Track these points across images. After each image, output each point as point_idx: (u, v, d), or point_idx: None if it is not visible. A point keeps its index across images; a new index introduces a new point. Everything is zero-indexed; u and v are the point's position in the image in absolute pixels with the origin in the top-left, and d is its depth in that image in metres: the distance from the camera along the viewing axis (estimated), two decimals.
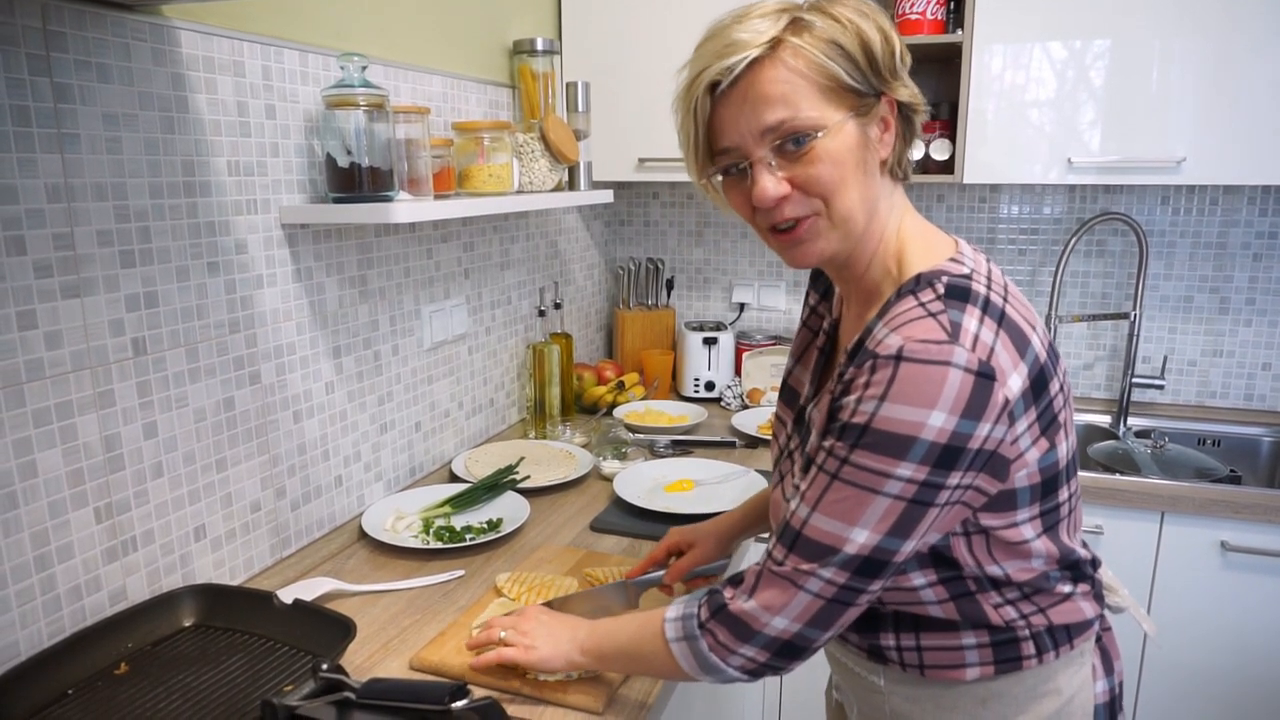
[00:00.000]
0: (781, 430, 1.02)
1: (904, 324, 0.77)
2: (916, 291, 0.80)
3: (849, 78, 0.79)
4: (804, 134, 0.79)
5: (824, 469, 0.79)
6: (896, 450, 0.74)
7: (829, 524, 0.78)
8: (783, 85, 0.79)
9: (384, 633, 1.17)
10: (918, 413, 0.73)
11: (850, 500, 0.77)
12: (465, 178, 1.59)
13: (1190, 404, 2.24)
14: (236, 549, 1.26)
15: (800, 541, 0.80)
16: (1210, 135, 1.81)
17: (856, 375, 0.78)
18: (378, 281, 1.54)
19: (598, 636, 0.98)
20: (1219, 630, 1.77)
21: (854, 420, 0.76)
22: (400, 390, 1.62)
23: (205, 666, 1.00)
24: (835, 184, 0.81)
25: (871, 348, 0.78)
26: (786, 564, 0.81)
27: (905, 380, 0.73)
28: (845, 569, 0.78)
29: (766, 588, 0.82)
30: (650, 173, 2.14)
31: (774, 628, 0.81)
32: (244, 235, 1.24)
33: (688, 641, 0.86)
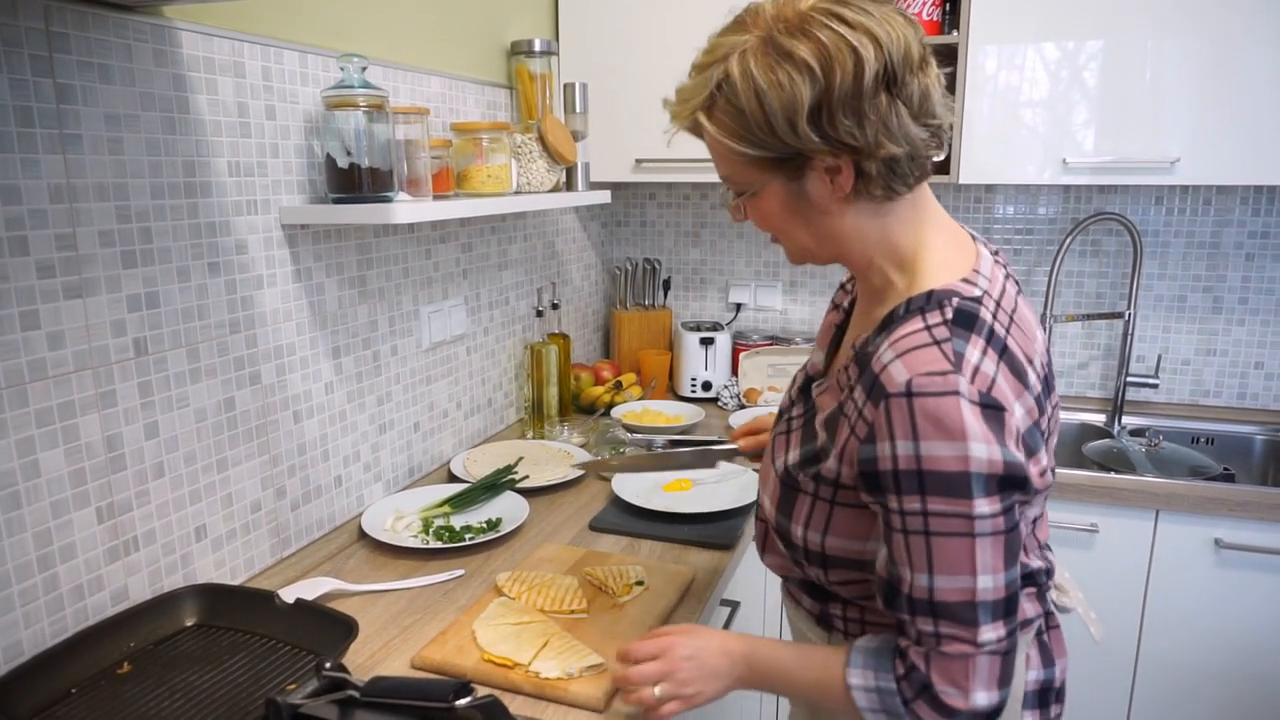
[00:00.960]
0: (788, 390, 1.05)
1: (908, 351, 0.78)
2: (926, 311, 0.81)
3: (756, 149, 0.81)
4: (738, 191, 0.88)
5: (911, 531, 0.78)
6: (960, 489, 0.75)
7: (953, 583, 0.78)
8: (714, 151, 0.87)
9: (385, 632, 1.17)
10: (957, 446, 0.74)
11: (955, 554, 0.77)
12: (464, 178, 1.60)
13: (1184, 403, 2.26)
14: (237, 549, 1.27)
15: (940, 609, 0.79)
16: (1204, 135, 1.82)
17: (870, 413, 0.79)
18: (377, 282, 1.54)
19: (762, 672, 0.93)
20: (1213, 627, 1.78)
21: (901, 468, 0.77)
22: (399, 390, 1.62)
23: (208, 666, 1.00)
24: (776, 230, 0.89)
25: (876, 371, 0.80)
26: (946, 637, 0.79)
27: (926, 416, 0.75)
28: (997, 618, 0.78)
29: (943, 666, 0.80)
30: (647, 173, 2.15)
31: (972, 705, 0.80)
32: (244, 236, 1.24)
33: (888, 715, 0.84)
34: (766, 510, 0.97)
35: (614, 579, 1.26)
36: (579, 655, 1.05)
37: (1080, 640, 1.87)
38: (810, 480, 0.89)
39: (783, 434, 0.98)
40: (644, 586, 1.25)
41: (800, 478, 0.91)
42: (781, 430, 0.99)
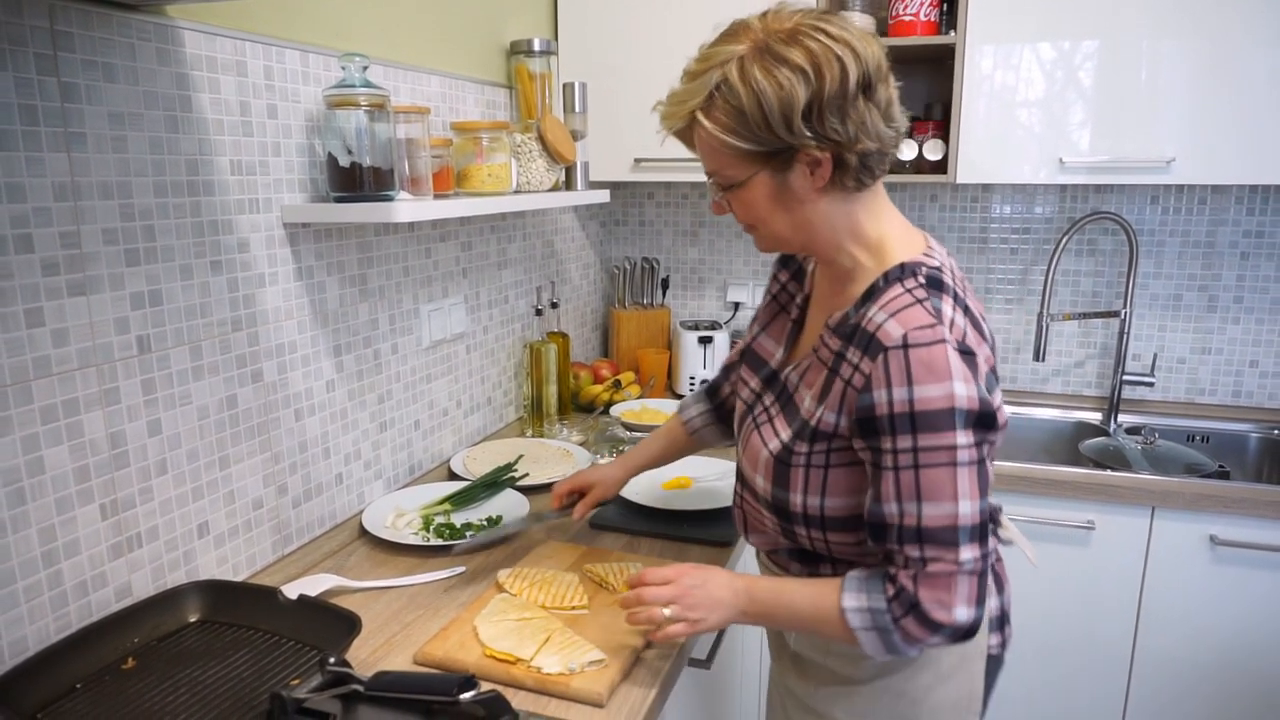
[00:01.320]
0: (745, 386, 1.15)
1: (899, 310, 0.90)
2: (903, 279, 0.94)
3: (750, 144, 0.91)
4: (725, 184, 0.96)
5: (900, 467, 0.89)
6: (945, 423, 0.86)
7: (937, 510, 0.88)
8: (705, 147, 0.95)
9: (387, 628, 1.18)
10: (940, 388, 0.86)
11: (939, 482, 0.88)
12: (464, 177, 1.60)
13: (1180, 401, 2.27)
14: (239, 546, 1.27)
15: (926, 536, 0.89)
16: (1199, 135, 1.83)
17: (868, 368, 0.90)
18: (377, 280, 1.55)
19: (762, 601, 1.01)
20: (1209, 623, 1.80)
21: (896, 411, 0.88)
22: (399, 389, 1.63)
23: (211, 661, 1.01)
24: (757, 219, 0.98)
25: (871, 331, 0.91)
26: (931, 559, 0.89)
27: (918, 366, 0.87)
28: (974, 540, 0.89)
29: (929, 586, 0.89)
30: (646, 173, 2.15)
31: (958, 620, 0.89)
32: (246, 234, 1.25)
33: (879, 633, 0.92)
34: (760, 489, 1.05)
35: (614, 575, 1.26)
36: (581, 651, 1.06)
37: (1075, 638, 1.89)
38: (805, 451, 0.98)
39: (765, 423, 1.07)
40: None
41: (795, 451, 0.99)
42: (761, 420, 1.08)
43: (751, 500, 1.09)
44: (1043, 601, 1.89)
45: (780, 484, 1.01)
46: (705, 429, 1.38)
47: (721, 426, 1.38)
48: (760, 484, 1.04)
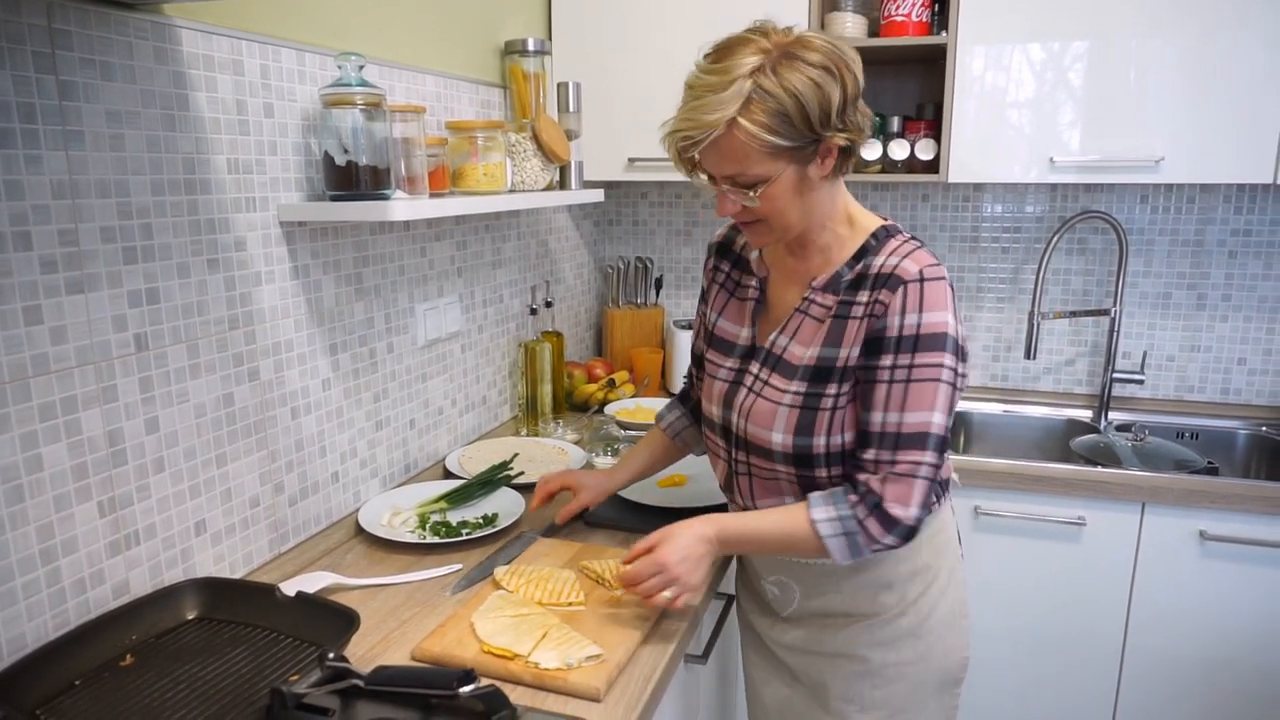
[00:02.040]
0: (719, 368, 1.24)
1: (909, 253, 1.07)
2: (892, 236, 1.11)
3: (787, 140, 1.00)
4: (749, 185, 1.04)
5: (895, 380, 1.05)
6: (938, 345, 1.03)
7: (916, 417, 1.04)
8: (735, 152, 1.01)
9: (385, 625, 1.18)
10: (941, 315, 1.03)
11: (923, 393, 1.04)
12: (459, 176, 1.61)
13: (1169, 398, 2.29)
14: (236, 543, 1.27)
15: (902, 440, 1.04)
16: (1188, 135, 1.85)
17: (888, 299, 1.05)
18: (373, 279, 1.55)
19: (734, 536, 1.14)
20: (1198, 617, 1.81)
21: (905, 334, 1.04)
22: (395, 387, 1.63)
23: (210, 658, 1.01)
24: (772, 213, 1.07)
25: (889, 271, 1.05)
26: (901, 461, 1.04)
27: (930, 295, 1.03)
28: (934, 449, 1.05)
29: (895, 486, 1.04)
30: (640, 172, 2.16)
31: (910, 517, 1.04)
32: (243, 233, 1.25)
33: (845, 537, 1.06)
34: (778, 445, 1.13)
35: (611, 572, 1.27)
36: (578, 646, 1.07)
37: (1067, 633, 1.90)
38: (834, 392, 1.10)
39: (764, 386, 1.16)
40: None
41: (823, 394, 1.10)
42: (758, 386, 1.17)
43: (763, 463, 1.17)
44: (1034, 597, 1.90)
45: (804, 431, 1.11)
46: (686, 431, 1.43)
47: (698, 429, 1.42)
48: (779, 440, 1.13)
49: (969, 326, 2.41)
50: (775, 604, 1.29)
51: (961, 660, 1.24)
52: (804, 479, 1.14)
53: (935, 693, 1.22)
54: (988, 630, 1.94)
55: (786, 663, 1.28)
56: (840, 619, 1.22)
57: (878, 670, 1.20)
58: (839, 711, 1.22)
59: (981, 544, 1.91)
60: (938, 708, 1.23)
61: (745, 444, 1.19)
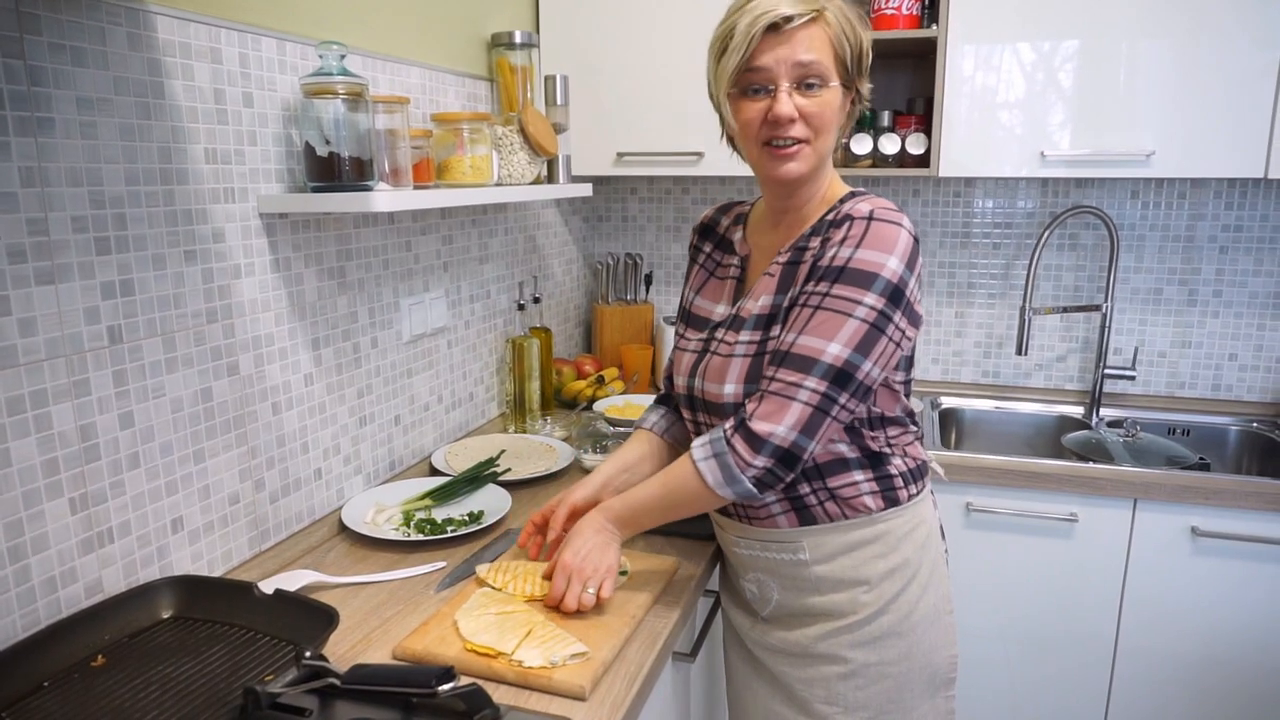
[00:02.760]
0: (690, 341, 1.24)
1: (866, 198, 1.08)
2: (859, 196, 1.11)
3: (848, 61, 1.08)
4: (821, 79, 1.06)
5: (807, 305, 1.04)
6: (865, 283, 1.02)
7: (810, 341, 1.02)
8: (817, 41, 1.05)
9: (366, 623, 1.16)
10: (881, 256, 1.02)
11: (828, 322, 1.02)
12: (444, 169, 1.59)
13: (1160, 394, 2.28)
14: (215, 541, 1.25)
15: (787, 359, 1.03)
16: (1178, 129, 1.84)
17: (833, 234, 1.05)
18: (356, 273, 1.53)
19: (629, 516, 1.15)
20: (1191, 613, 1.80)
21: (834, 264, 1.03)
22: (379, 383, 1.61)
23: (184, 658, 0.99)
24: (826, 124, 1.08)
25: (843, 216, 1.06)
26: (777, 380, 1.03)
27: (874, 233, 1.02)
28: (825, 379, 1.01)
29: (766, 403, 1.03)
30: (629, 167, 2.14)
31: (777, 436, 1.01)
32: (221, 224, 1.23)
33: (716, 459, 1.05)
34: (729, 396, 1.12)
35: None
36: (562, 644, 1.05)
37: (1059, 630, 1.89)
38: (774, 334, 1.09)
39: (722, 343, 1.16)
40: (626, 575, 1.25)
41: (769, 337, 1.10)
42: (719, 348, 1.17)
43: (717, 419, 1.17)
44: (1026, 594, 1.89)
45: (754, 378, 1.10)
46: (674, 428, 1.35)
47: (684, 426, 1.36)
48: (729, 390, 1.12)
49: (960, 323, 2.39)
50: (755, 603, 1.27)
51: (949, 659, 1.22)
52: None
53: (925, 693, 1.19)
54: (978, 628, 1.93)
55: (767, 665, 1.26)
56: (819, 619, 1.19)
57: (860, 671, 1.17)
58: (822, 715, 1.20)
59: (973, 541, 1.89)
60: (930, 710, 1.21)
61: (705, 405, 1.19)
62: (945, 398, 2.33)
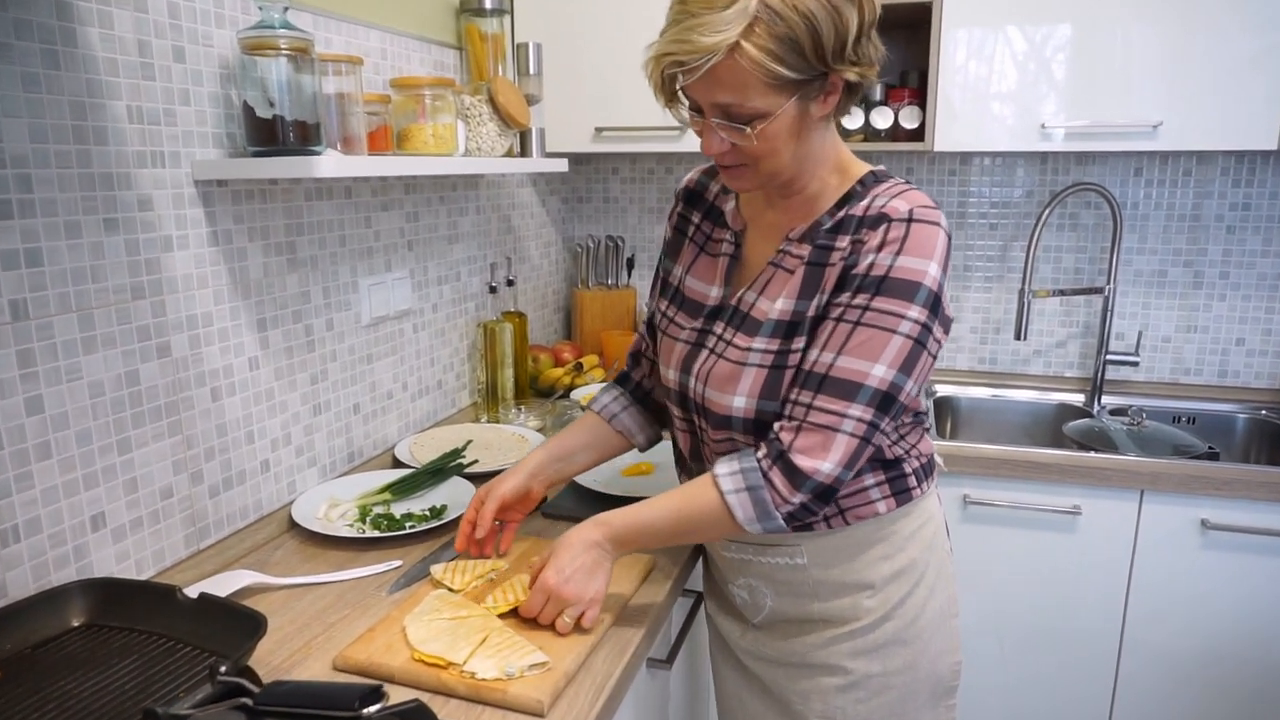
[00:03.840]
0: (682, 329, 1.10)
1: (901, 193, 0.94)
2: (882, 180, 0.99)
3: (794, 72, 0.88)
4: (746, 119, 0.90)
5: (845, 319, 0.92)
6: (908, 294, 0.90)
7: (853, 363, 0.91)
8: (733, 79, 0.88)
9: (308, 629, 1.05)
10: (923, 263, 0.91)
11: (871, 341, 0.90)
12: (404, 138, 1.47)
13: (1164, 381, 2.19)
14: (144, 539, 1.14)
15: (827, 383, 0.91)
16: (1186, 98, 1.74)
17: (868, 237, 0.92)
18: (308, 249, 1.41)
19: (624, 530, 1.01)
20: (1200, 609, 1.71)
21: (873, 273, 0.91)
22: (336, 369, 1.50)
23: (92, 671, 0.88)
24: (766, 154, 0.94)
25: (875, 212, 0.93)
26: (818, 409, 0.91)
27: (915, 237, 0.91)
28: (870, 405, 0.91)
29: (807, 435, 0.91)
30: (608, 143, 2.03)
31: (821, 473, 0.90)
32: (148, 190, 1.11)
33: (750, 493, 0.93)
34: (738, 410, 0.99)
35: None
36: (520, 652, 0.94)
37: (1062, 626, 1.79)
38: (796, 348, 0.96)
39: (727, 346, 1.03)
40: None
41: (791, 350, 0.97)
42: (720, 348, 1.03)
43: (718, 433, 1.05)
44: (1028, 590, 1.79)
45: (769, 393, 0.97)
46: (624, 414, 1.23)
47: (641, 411, 1.25)
48: (739, 405, 0.99)
49: (956, 307, 2.29)
50: (745, 609, 1.16)
51: (953, 665, 1.12)
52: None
53: (927, 704, 1.09)
54: (978, 626, 1.83)
55: (759, 675, 1.15)
56: (817, 626, 1.08)
57: (861, 682, 1.07)
58: None
59: (971, 535, 1.79)
60: None
61: (702, 410, 1.06)
62: (940, 385, 2.23)
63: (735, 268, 1.08)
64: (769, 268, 1.02)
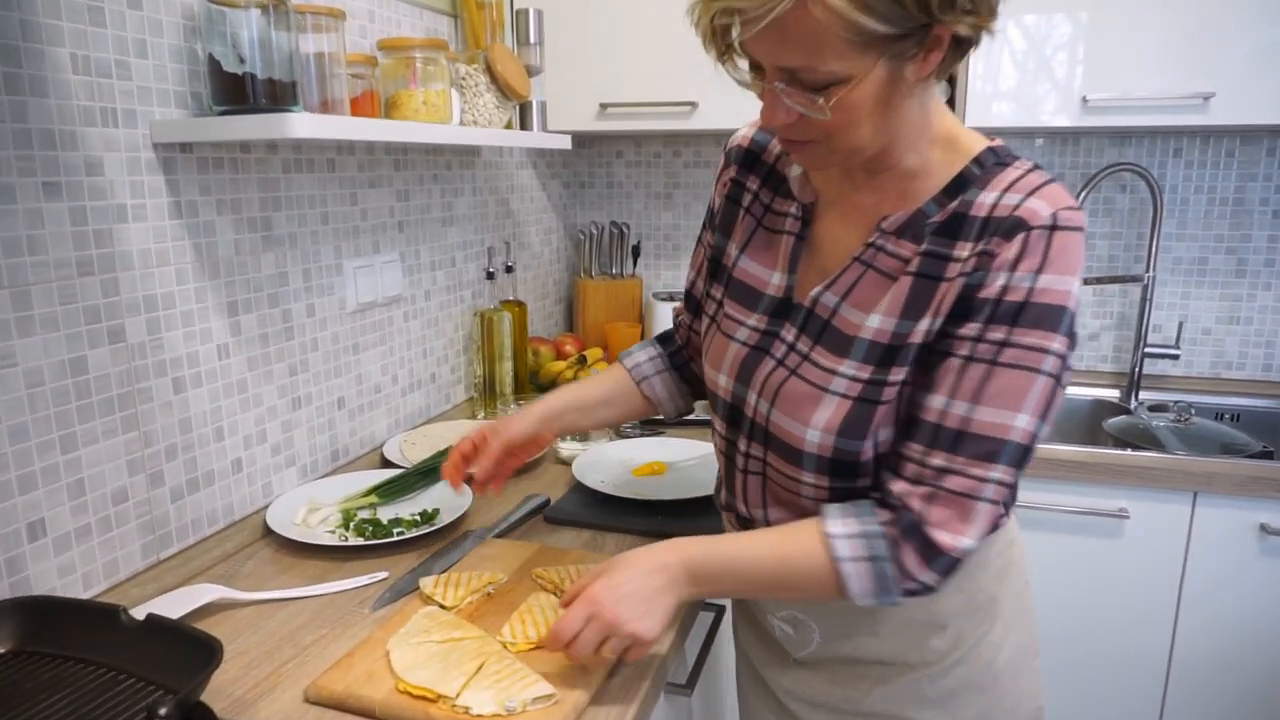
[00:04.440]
0: (739, 325, 0.91)
1: (1037, 188, 0.75)
2: (1006, 162, 0.79)
3: (887, 25, 0.68)
4: (819, 85, 0.72)
5: (977, 359, 0.75)
6: (1052, 323, 0.73)
7: (993, 415, 0.74)
8: (804, 35, 0.69)
9: (279, 652, 0.91)
10: (1067, 281, 0.74)
11: (1013, 386, 0.74)
12: (393, 105, 1.34)
13: (1204, 375, 2.06)
14: (93, 549, 1.00)
15: (964, 441, 0.75)
16: (1242, 68, 1.61)
17: (1000, 248, 0.74)
18: (286, 226, 1.28)
19: (705, 565, 0.81)
20: (1256, 620, 1.58)
21: (1009, 298, 0.74)
22: (318, 359, 1.36)
23: (16, 708, 0.74)
24: (843, 127, 0.75)
25: (1004, 214, 0.75)
26: (957, 474, 0.75)
27: (1059, 250, 0.73)
28: (1011, 463, 0.75)
29: (946, 505, 0.76)
30: (614, 120, 1.89)
31: (959, 549, 0.76)
32: (98, 152, 0.98)
33: (871, 563, 0.77)
34: (812, 446, 0.82)
35: (572, 581, 1.01)
36: (522, 683, 0.81)
37: (1109, 637, 1.66)
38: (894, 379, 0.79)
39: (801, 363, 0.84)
40: None
41: (888, 382, 0.79)
42: (793, 362, 0.85)
43: (785, 466, 0.86)
44: (1070, 599, 1.66)
45: (853, 431, 0.80)
46: (657, 378, 1.10)
47: (676, 379, 1.11)
48: (814, 440, 0.82)
49: None
50: (787, 643, 0.98)
51: (1033, 713, 0.96)
52: (838, 495, 0.83)
53: None
54: None
55: (802, 718, 0.99)
56: (875, 669, 0.92)
57: None
58: None
59: None
60: None
61: (764, 436, 0.87)
62: None
63: (803, 252, 0.89)
64: (856, 265, 0.83)
